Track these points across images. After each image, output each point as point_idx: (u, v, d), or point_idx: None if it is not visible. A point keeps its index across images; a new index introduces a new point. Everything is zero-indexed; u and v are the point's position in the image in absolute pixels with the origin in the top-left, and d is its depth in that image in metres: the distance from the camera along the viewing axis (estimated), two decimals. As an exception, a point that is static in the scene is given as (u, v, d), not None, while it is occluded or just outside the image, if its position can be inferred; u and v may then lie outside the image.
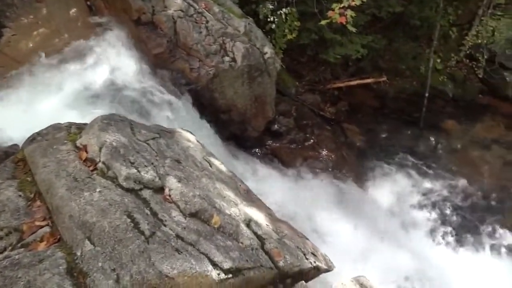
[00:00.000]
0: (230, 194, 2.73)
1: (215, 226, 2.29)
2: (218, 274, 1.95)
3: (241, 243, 2.32)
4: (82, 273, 1.73)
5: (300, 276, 2.58)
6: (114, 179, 2.21)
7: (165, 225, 2.06)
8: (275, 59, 5.63)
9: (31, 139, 2.70)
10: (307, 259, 2.66)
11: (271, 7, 6.31)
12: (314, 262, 2.72)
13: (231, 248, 2.17)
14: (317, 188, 5.65)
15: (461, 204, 5.99)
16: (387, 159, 6.66)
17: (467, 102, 8.29)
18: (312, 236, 3.78)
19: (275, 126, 6.44)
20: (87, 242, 1.84)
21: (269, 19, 6.26)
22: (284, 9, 6.27)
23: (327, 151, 6.47)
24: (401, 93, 8.25)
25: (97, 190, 2.09)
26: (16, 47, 4.08)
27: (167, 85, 4.45)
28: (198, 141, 3.32)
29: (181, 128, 3.44)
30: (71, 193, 2.03)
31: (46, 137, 2.67)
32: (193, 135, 3.39)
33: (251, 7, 6.41)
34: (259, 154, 6.05)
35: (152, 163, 2.43)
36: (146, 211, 2.09)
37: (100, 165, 2.26)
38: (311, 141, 6.57)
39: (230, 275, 2.01)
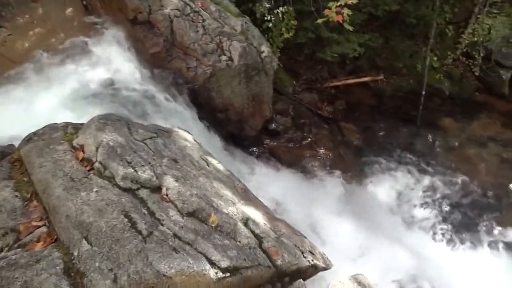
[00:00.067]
0: (227, 193, 2.73)
1: (213, 225, 2.29)
2: (216, 273, 1.95)
3: (239, 242, 2.32)
4: (79, 273, 1.72)
5: (298, 275, 2.58)
6: (111, 178, 2.20)
7: (162, 225, 2.05)
8: (272, 58, 5.62)
9: (28, 139, 2.69)
10: (305, 257, 2.66)
11: (267, 5, 6.31)
12: (312, 261, 2.73)
13: (229, 247, 2.17)
14: (314, 186, 5.67)
15: (459, 202, 6.02)
16: (385, 157, 6.67)
17: (463, 100, 8.31)
18: (310, 234, 3.80)
19: (272, 125, 6.45)
20: (84, 242, 1.83)
21: (266, 18, 6.27)
22: (281, 8, 6.27)
23: (324, 150, 6.49)
24: (398, 91, 8.27)
25: (94, 190, 2.08)
26: (12, 47, 4.07)
27: (164, 84, 4.44)
28: (195, 140, 3.32)
29: (178, 127, 3.44)
30: (68, 193, 2.03)
31: (43, 137, 2.66)
32: (190, 134, 3.39)
33: (247, 6, 6.41)
34: (256, 153, 6.06)
35: (149, 163, 2.42)
36: (144, 210, 2.09)
37: (97, 165, 2.26)
38: (309, 139, 6.59)
39: (228, 274, 2.01)
